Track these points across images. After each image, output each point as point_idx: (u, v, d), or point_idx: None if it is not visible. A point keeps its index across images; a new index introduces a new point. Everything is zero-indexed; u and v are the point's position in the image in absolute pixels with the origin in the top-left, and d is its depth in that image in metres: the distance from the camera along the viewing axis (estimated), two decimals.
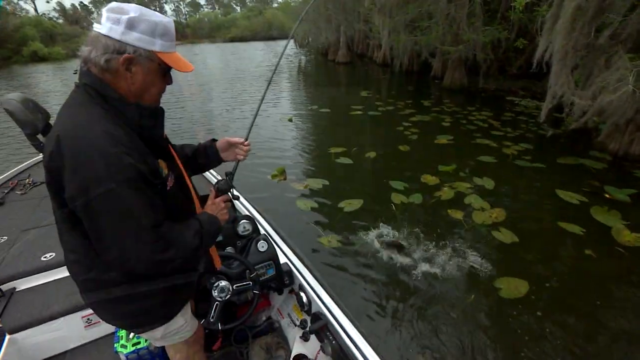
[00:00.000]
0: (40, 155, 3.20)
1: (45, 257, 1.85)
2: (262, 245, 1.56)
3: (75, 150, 0.78)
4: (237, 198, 1.23)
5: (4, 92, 16.55)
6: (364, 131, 6.86)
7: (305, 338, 1.48)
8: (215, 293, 1.23)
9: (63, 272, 1.81)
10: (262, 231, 1.85)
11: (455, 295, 2.81)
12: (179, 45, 0.94)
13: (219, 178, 1.84)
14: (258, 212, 2.10)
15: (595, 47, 4.91)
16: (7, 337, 1.54)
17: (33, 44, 38.92)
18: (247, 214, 2.13)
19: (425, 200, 4.16)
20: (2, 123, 9.11)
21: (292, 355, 1.54)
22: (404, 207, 4.04)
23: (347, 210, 4.03)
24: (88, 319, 1.70)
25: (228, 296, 1.25)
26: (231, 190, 1.19)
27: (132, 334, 1.63)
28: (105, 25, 0.82)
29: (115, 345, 1.59)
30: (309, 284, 1.54)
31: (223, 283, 1.24)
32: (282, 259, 1.68)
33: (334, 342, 1.32)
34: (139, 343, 1.60)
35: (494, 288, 2.83)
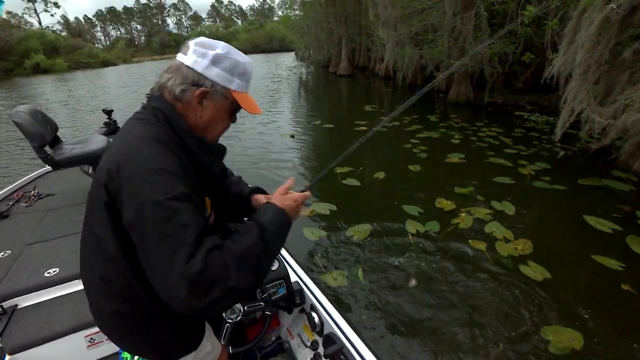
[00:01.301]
0: (47, 167, 3.10)
1: (48, 272, 1.77)
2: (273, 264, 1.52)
3: (135, 172, 0.75)
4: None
5: (7, 103, 16.39)
6: (370, 149, 6.55)
7: None
8: (225, 315, 1.19)
9: (66, 289, 1.75)
10: None
11: (490, 341, 2.44)
12: None
13: None
14: None
15: (618, 62, 4.64)
16: (7, 358, 1.46)
17: (36, 56, 39.22)
18: None
19: (442, 228, 3.81)
20: (11, 132, 8.89)
21: None
22: (420, 236, 3.69)
23: (356, 239, 3.68)
24: (91, 338, 1.60)
25: (239, 317, 1.21)
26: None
27: (137, 356, 1.50)
28: (190, 57, 0.84)
29: None
30: (321, 304, 1.48)
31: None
32: (293, 277, 1.62)
33: None
34: None
35: (541, 339, 2.45)
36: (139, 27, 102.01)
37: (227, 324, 1.19)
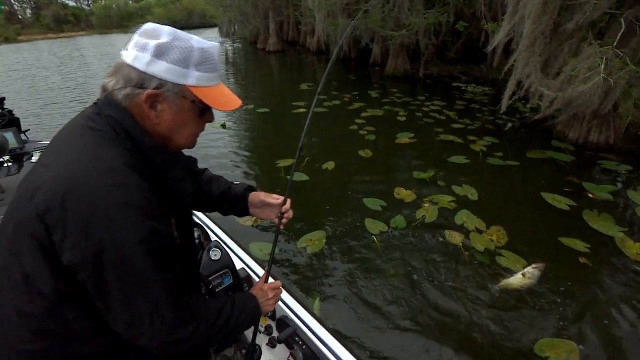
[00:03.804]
0: None
1: None
2: (214, 253, 1.37)
3: (90, 205, 0.58)
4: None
5: None
6: (313, 134, 5.88)
7: (272, 345, 1.36)
8: None
9: None
10: (213, 237, 1.68)
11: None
12: (84, 36, 0.17)
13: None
14: (207, 216, 1.85)
15: (559, 33, 4.52)
16: None
17: None
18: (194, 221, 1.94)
19: (408, 223, 3.37)
20: None
21: None
22: (384, 237, 3.21)
23: (310, 252, 3.07)
24: None
25: None
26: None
27: None
28: (131, 52, 0.66)
29: None
30: None
31: None
32: (238, 265, 1.53)
33: (304, 347, 1.22)
34: None
35: (536, 356, 2.13)
36: None
37: None
